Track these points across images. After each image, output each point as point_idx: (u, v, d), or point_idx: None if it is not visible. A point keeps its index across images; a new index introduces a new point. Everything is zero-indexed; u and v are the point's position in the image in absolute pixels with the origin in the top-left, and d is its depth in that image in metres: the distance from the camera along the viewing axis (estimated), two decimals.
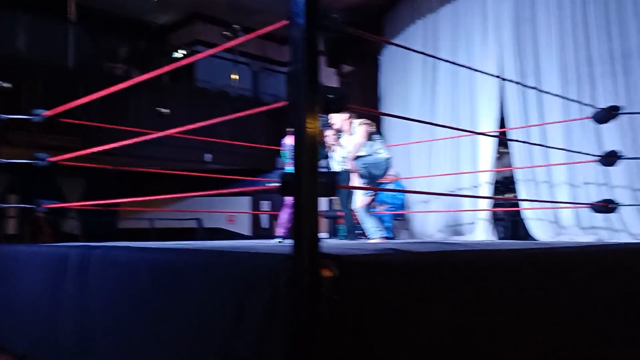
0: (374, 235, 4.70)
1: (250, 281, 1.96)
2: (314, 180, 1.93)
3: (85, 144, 6.58)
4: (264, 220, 11.20)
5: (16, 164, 4.53)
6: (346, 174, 4.92)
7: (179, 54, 11.74)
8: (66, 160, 4.82)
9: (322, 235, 4.97)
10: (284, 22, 2.14)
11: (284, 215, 5.06)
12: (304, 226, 1.89)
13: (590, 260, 2.85)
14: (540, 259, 2.58)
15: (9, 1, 10.15)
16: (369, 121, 4.91)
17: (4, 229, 9.56)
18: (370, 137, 4.79)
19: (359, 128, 4.77)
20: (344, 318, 1.84)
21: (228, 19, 12.00)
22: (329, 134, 5.27)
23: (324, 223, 5.60)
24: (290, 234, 4.87)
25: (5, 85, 7.49)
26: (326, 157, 5.44)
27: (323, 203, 5.07)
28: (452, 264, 2.20)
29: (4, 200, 9.74)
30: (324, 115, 5.08)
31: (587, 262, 2.80)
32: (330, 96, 2.24)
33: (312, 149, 1.95)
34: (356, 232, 5.53)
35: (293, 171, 1.96)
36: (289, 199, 4.97)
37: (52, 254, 3.11)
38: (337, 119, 4.90)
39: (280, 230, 5.05)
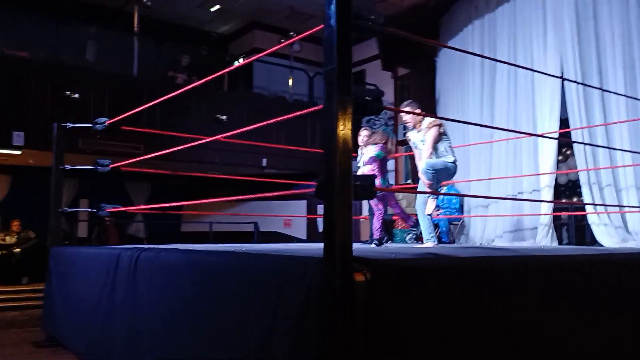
0: (429, 239, 4.64)
1: (284, 284, 1.97)
2: (347, 184, 1.92)
3: (148, 150, 6.87)
4: (321, 224, 11.23)
5: (81, 170, 4.77)
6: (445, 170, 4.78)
7: (238, 62, 12.02)
8: (127, 165, 5.04)
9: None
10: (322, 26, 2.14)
11: (375, 221, 5.17)
12: (336, 230, 1.88)
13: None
14: (592, 266, 2.45)
15: (79, 15, 10.76)
16: (439, 121, 4.83)
17: (75, 232, 10.08)
18: (440, 138, 4.69)
19: (431, 131, 4.66)
20: (377, 323, 1.82)
21: (285, 26, 12.20)
22: (362, 134, 5.27)
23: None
24: (381, 237, 5.05)
25: (74, 96, 7.91)
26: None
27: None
28: (492, 270, 2.13)
29: (76, 204, 10.27)
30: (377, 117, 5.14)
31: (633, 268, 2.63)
32: (366, 98, 2.23)
33: (344, 152, 1.94)
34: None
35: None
36: (374, 204, 5.12)
37: (106, 256, 3.25)
38: (408, 116, 4.81)
39: (375, 234, 5.14)
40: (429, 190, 4.64)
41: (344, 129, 1.92)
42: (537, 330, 2.13)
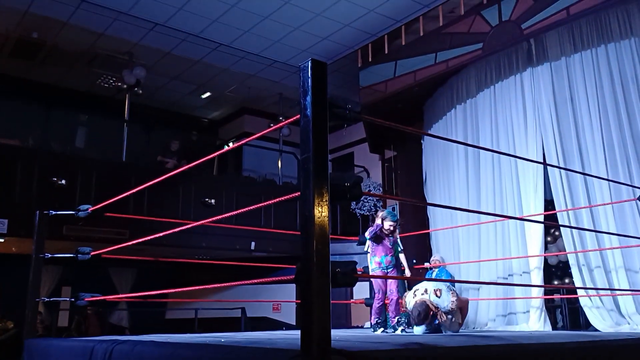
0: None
1: None
2: (324, 271, 1.88)
3: (133, 235, 6.79)
4: None
5: (61, 258, 4.67)
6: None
7: (228, 146, 12.21)
8: (110, 252, 4.95)
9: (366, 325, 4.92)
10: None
11: (375, 303, 5.17)
12: (314, 320, 1.82)
13: (635, 352, 2.59)
14: (579, 354, 2.36)
15: (70, 103, 11.01)
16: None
17: (56, 321, 9.75)
18: None
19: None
20: None
21: (274, 111, 12.53)
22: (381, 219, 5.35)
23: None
24: (378, 322, 4.95)
25: (61, 182, 7.91)
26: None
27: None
28: (479, 359, 2.04)
29: (58, 292, 10.00)
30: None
31: (627, 354, 2.54)
32: (345, 184, 2.23)
33: (322, 238, 1.91)
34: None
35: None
36: (376, 287, 5.10)
37: (80, 348, 3.11)
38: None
39: (373, 319, 5.13)
40: None
41: (320, 215, 1.91)
42: None
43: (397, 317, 5.09)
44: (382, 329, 5.10)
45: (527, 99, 7.26)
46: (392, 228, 5.28)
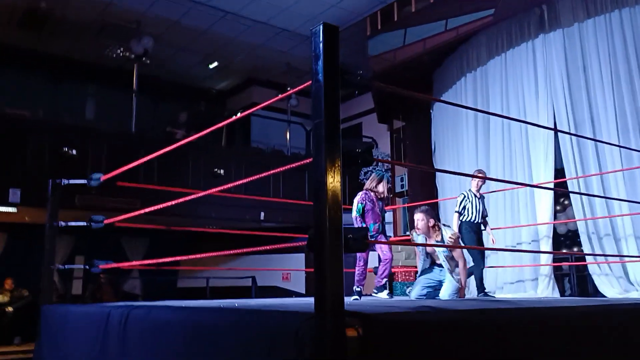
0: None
1: (276, 341, 1.92)
2: (337, 237, 1.90)
3: (144, 205, 6.85)
4: None
5: (77, 226, 4.73)
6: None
7: (236, 115, 12.18)
8: (123, 221, 5.00)
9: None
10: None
11: (357, 270, 4.95)
12: (327, 284, 1.85)
13: None
14: (590, 317, 2.39)
15: (79, 75, 10.99)
16: (457, 232, 5.18)
17: (70, 289, 9.92)
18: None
19: (458, 250, 4.72)
20: None
21: (283, 82, 12.45)
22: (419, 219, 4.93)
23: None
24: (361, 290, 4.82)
25: (72, 152, 7.97)
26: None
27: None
28: (490, 322, 2.07)
29: (72, 261, 10.15)
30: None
31: (635, 319, 2.57)
32: (356, 150, 2.24)
33: (334, 205, 1.92)
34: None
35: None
36: (359, 254, 4.90)
37: (96, 314, 3.18)
38: (421, 224, 4.78)
39: (377, 281, 4.96)
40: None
41: (333, 181, 1.92)
42: None
43: (385, 280, 4.94)
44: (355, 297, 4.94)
45: (538, 66, 7.17)
46: (387, 191, 5.07)
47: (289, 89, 12.05)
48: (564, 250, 7.15)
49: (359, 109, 12.70)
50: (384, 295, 4.91)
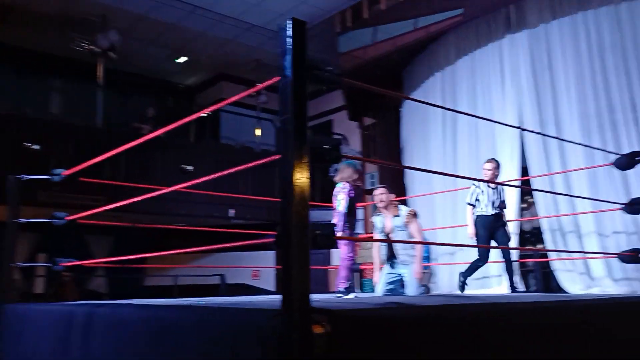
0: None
1: (241, 339, 1.90)
2: (304, 233, 1.89)
3: (109, 202, 6.71)
4: None
5: (39, 223, 4.61)
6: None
7: (206, 113, 12.04)
8: (87, 218, 4.89)
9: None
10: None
11: (342, 269, 4.86)
12: (293, 280, 1.84)
13: (609, 313, 2.69)
14: (551, 313, 2.44)
15: (44, 68, 10.71)
16: (414, 209, 4.85)
17: (32, 288, 9.68)
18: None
19: (414, 223, 4.67)
20: None
21: (252, 78, 12.36)
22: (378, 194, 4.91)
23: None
24: (353, 286, 4.70)
25: (34, 147, 7.76)
26: None
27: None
28: (455, 318, 2.09)
29: (34, 259, 9.90)
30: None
31: (603, 315, 2.63)
32: (324, 147, 2.23)
33: (301, 201, 1.91)
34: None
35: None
36: (342, 253, 4.74)
37: (59, 313, 3.10)
38: (383, 197, 4.72)
39: (341, 284, 4.79)
40: None
41: (300, 177, 1.91)
42: None
43: (348, 282, 4.83)
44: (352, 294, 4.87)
45: (505, 66, 7.29)
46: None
47: (258, 85, 11.96)
48: (529, 247, 7.30)
49: (330, 105, 12.71)
50: (351, 297, 4.87)
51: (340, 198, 4.54)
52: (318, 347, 1.76)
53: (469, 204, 5.33)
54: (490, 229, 5.27)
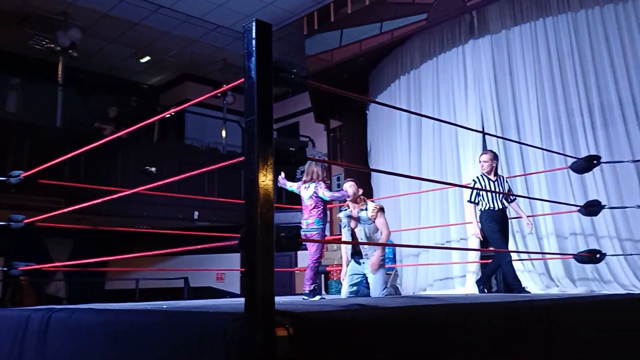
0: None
1: (203, 343, 1.87)
2: (268, 236, 1.88)
3: (69, 204, 6.54)
4: None
5: None
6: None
7: (171, 114, 11.88)
8: (46, 220, 4.75)
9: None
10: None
11: (308, 271, 4.76)
12: (257, 283, 1.82)
13: (563, 312, 2.76)
14: (512, 312, 2.49)
15: (0, 66, 10.38)
16: (380, 204, 4.85)
17: None
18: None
19: (381, 217, 4.63)
20: None
21: (218, 79, 12.27)
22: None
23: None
24: (319, 288, 4.65)
25: None
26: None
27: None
28: (418, 319, 2.12)
29: None
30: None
31: (556, 314, 2.71)
32: (290, 149, 2.23)
33: (266, 203, 1.90)
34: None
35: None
36: (311, 255, 4.74)
37: (14, 318, 3.00)
38: (351, 191, 4.66)
39: (307, 286, 4.69)
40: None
41: (265, 179, 1.90)
42: None
43: (313, 285, 4.82)
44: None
45: (468, 71, 7.42)
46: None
47: (224, 85, 11.88)
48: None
49: (297, 108, 12.72)
50: (316, 299, 4.86)
51: (321, 188, 4.61)
52: (281, 350, 1.76)
53: (471, 201, 5.11)
54: (500, 222, 5.04)
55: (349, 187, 4.75)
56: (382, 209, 4.72)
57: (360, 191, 4.78)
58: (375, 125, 9.33)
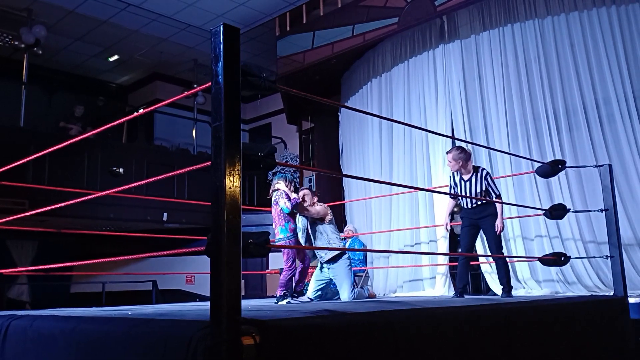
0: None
1: (166, 353, 1.84)
2: (235, 242, 1.86)
3: (33, 206, 6.37)
4: None
5: None
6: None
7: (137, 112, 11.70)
8: (6, 223, 4.62)
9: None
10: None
11: (282, 277, 4.74)
12: (223, 291, 1.80)
13: (529, 315, 2.81)
14: (478, 315, 2.52)
15: None
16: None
17: None
18: None
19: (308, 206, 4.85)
20: None
21: (189, 79, 12.13)
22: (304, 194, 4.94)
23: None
24: (288, 294, 4.63)
25: None
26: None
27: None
28: (385, 324, 2.12)
29: None
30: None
31: (523, 316, 2.75)
32: (258, 154, 2.20)
33: (233, 209, 1.88)
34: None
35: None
36: (286, 259, 4.72)
37: None
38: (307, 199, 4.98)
39: (279, 291, 4.68)
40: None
41: (232, 185, 1.87)
42: None
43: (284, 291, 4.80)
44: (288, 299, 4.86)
45: (438, 75, 7.50)
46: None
47: (195, 86, 11.75)
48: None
49: (269, 109, 12.67)
50: (284, 303, 4.83)
51: (282, 198, 4.72)
52: (247, 359, 1.74)
53: (451, 196, 5.14)
54: (472, 221, 5.02)
55: (306, 195, 4.89)
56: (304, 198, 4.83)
57: (315, 199, 4.95)
58: (347, 126, 9.34)
